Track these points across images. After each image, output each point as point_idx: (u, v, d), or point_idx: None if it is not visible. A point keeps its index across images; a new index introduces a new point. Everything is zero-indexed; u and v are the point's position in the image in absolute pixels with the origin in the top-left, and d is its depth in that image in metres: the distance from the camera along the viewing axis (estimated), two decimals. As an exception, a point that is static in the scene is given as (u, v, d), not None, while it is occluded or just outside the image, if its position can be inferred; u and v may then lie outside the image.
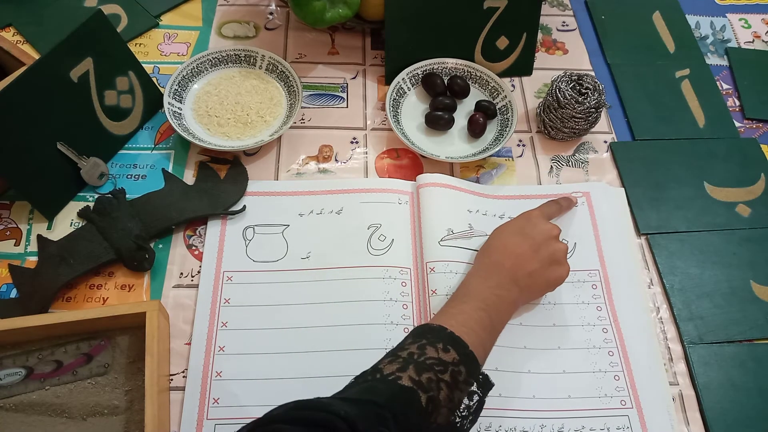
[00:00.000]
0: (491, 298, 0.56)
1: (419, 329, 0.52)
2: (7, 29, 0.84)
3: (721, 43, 0.93)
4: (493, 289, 0.57)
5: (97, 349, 0.59)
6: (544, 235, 0.61)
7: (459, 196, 0.71)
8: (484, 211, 0.71)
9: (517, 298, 0.59)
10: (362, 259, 0.67)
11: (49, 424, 0.55)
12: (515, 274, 0.58)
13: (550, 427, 0.58)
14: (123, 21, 0.86)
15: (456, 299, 0.57)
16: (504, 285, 0.58)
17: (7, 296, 0.63)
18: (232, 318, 0.63)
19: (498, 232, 0.63)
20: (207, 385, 0.59)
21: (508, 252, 0.60)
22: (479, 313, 0.54)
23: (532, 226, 0.61)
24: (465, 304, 0.55)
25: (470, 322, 0.52)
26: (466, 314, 0.53)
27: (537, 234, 0.61)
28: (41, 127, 0.65)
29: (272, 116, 0.76)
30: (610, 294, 0.67)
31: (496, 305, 0.56)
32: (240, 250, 0.67)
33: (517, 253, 0.59)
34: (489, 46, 0.82)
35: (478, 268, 0.61)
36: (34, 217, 0.68)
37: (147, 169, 0.73)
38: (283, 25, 0.89)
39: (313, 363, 0.60)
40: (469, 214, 0.70)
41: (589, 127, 0.78)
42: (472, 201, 0.72)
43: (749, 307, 0.67)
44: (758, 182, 0.77)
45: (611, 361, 0.62)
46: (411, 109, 0.80)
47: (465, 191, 0.72)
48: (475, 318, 0.53)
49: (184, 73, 0.77)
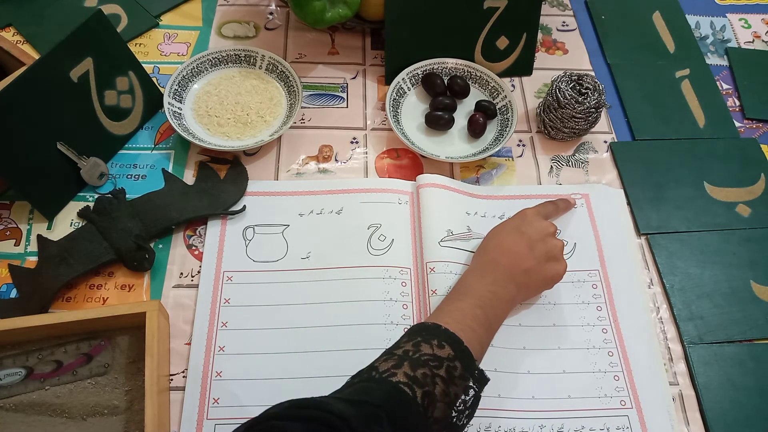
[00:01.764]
0: (487, 295, 0.56)
1: (415, 328, 0.53)
2: (7, 29, 0.84)
3: (721, 43, 0.93)
4: (489, 286, 0.57)
5: (97, 349, 0.59)
6: (539, 232, 0.61)
7: (457, 198, 0.71)
8: (483, 213, 0.71)
9: (515, 295, 0.59)
10: (362, 259, 0.67)
11: (49, 424, 0.55)
12: (511, 271, 0.59)
13: (550, 428, 0.58)
14: (123, 21, 0.86)
15: (452, 297, 0.58)
16: (500, 282, 0.58)
17: (7, 296, 0.63)
18: (232, 318, 0.63)
19: (494, 230, 0.64)
20: (207, 385, 0.59)
21: (503, 249, 0.60)
22: (475, 310, 0.54)
23: (527, 224, 0.62)
24: (461, 301, 0.55)
25: (466, 319, 0.53)
26: (462, 311, 0.54)
27: (533, 231, 0.61)
28: (41, 127, 0.65)
29: (272, 116, 0.76)
30: (611, 294, 0.67)
31: (492, 302, 0.56)
32: (240, 250, 0.67)
33: (513, 251, 0.60)
34: (489, 46, 0.82)
35: (475, 266, 0.61)
36: (34, 217, 0.68)
37: (147, 169, 0.73)
38: (283, 25, 0.89)
39: (313, 363, 0.60)
40: (467, 216, 0.70)
41: (589, 127, 0.78)
42: (470, 203, 0.72)
43: (749, 307, 0.67)
44: (758, 182, 0.77)
45: (611, 361, 0.62)
46: (411, 109, 0.80)
47: (463, 193, 0.72)
48: (471, 315, 0.53)
49: (184, 73, 0.77)
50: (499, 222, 0.69)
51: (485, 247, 0.63)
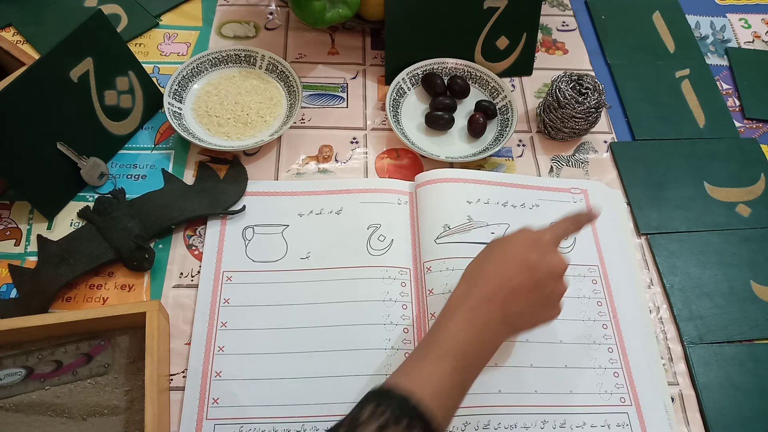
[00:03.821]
0: (471, 351, 0.49)
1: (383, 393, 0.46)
2: (7, 29, 0.84)
3: (721, 43, 0.93)
4: (477, 336, 0.50)
5: (97, 349, 0.59)
6: (549, 270, 0.52)
7: (458, 188, 0.71)
8: (486, 200, 0.71)
9: (502, 340, 0.53)
10: (362, 259, 0.67)
11: (49, 424, 0.55)
12: (507, 311, 0.51)
13: (552, 423, 0.58)
14: (123, 21, 0.86)
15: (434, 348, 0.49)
16: (491, 325, 0.51)
17: (7, 296, 0.63)
18: (231, 318, 0.63)
19: (497, 250, 0.54)
20: (207, 385, 0.59)
21: (503, 281, 0.52)
22: (453, 377, 0.48)
23: (539, 256, 0.52)
24: (441, 361, 0.48)
25: (444, 387, 0.47)
26: (443, 378, 0.47)
27: (542, 268, 0.52)
28: (41, 127, 0.65)
29: (272, 116, 0.76)
30: (610, 290, 0.67)
31: (475, 360, 0.50)
32: (240, 250, 0.67)
33: (512, 286, 0.51)
34: (489, 46, 0.82)
35: (465, 301, 0.52)
36: (34, 217, 0.68)
37: (147, 169, 0.73)
38: (283, 25, 0.89)
39: (312, 363, 0.60)
40: (468, 205, 0.70)
41: (589, 127, 0.78)
42: (472, 190, 0.71)
43: (749, 307, 0.67)
44: (758, 182, 0.77)
45: (611, 357, 0.63)
46: (411, 109, 0.80)
47: (465, 181, 0.71)
48: (451, 383, 0.48)
49: (184, 73, 0.77)
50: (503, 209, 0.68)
51: (482, 270, 0.53)
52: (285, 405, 0.58)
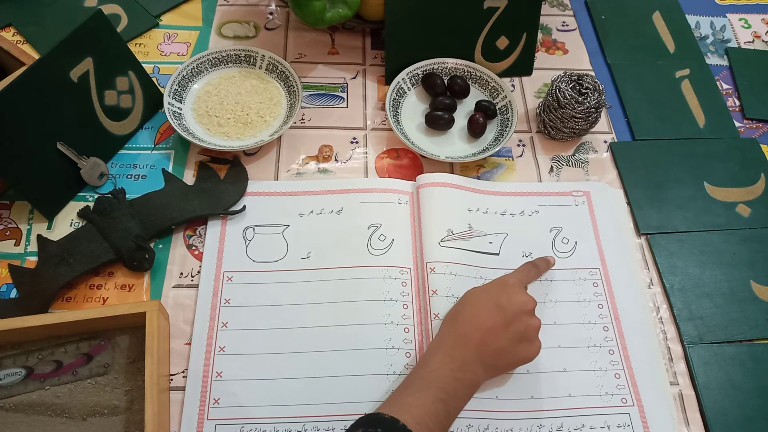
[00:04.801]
0: (452, 384, 0.53)
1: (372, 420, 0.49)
2: (7, 29, 0.84)
3: (721, 43, 0.93)
4: (456, 373, 0.54)
5: (97, 349, 0.58)
6: (518, 308, 0.57)
7: (459, 195, 0.71)
8: (485, 209, 0.71)
9: (480, 379, 0.56)
10: (362, 259, 0.67)
11: (49, 424, 0.55)
12: (482, 351, 0.55)
13: (549, 427, 0.58)
14: (123, 21, 0.86)
15: (415, 382, 0.54)
16: (468, 366, 0.55)
17: (7, 296, 0.63)
18: (232, 318, 0.63)
19: (471, 297, 0.60)
20: (207, 385, 0.59)
21: (477, 324, 0.56)
22: (437, 405, 0.51)
23: (507, 297, 0.58)
24: (424, 392, 0.52)
25: (426, 417, 0.50)
26: (424, 408, 0.51)
27: (511, 307, 0.57)
28: (41, 127, 0.65)
29: (272, 116, 0.76)
30: (612, 292, 0.67)
31: (456, 392, 0.53)
32: (240, 250, 0.67)
33: (487, 327, 0.56)
34: (489, 46, 0.82)
35: (445, 340, 0.57)
36: (34, 217, 0.68)
37: (147, 169, 0.73)
38: (283, 25, 0.89)
39: (313, 363, 0.60)
40: (468, 213, 0.70)
41: (589, 127, 0.78)
42: (472, 199, 0.72)
43: (749, 307, 0.67)
44: (758, 182, 0.77)
45: (612, 359, 0.63)
46: (411, 109, 0.80)
47: (465, 189, 0.72)
48: (432, 412, 0.51)
49: (184, 73, 0.77)
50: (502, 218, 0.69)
51: (458, 316, 0.58)
52: (286, 405, 0.58)
